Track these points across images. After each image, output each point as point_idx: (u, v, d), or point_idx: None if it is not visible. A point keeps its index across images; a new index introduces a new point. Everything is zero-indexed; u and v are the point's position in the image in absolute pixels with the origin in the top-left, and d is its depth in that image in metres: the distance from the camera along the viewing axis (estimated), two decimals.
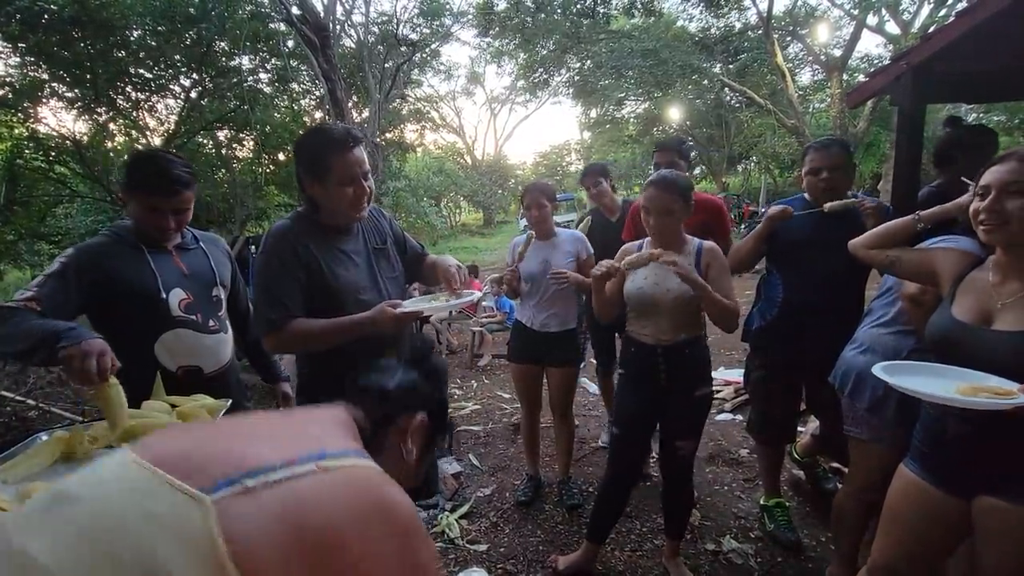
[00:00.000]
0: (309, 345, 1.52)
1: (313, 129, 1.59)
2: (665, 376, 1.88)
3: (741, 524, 2.39)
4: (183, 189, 1.55)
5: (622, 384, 2.02)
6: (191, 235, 1.74)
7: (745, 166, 23.35)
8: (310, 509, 0.52)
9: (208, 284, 1.70)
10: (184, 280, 1.63)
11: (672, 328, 1.85)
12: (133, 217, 1.59)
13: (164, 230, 1.59)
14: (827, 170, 1.99)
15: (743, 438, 3.20)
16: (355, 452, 0.65)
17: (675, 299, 1.82)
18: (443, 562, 2.25)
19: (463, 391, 4.71)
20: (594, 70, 14.57)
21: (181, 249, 1.68)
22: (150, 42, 7.63)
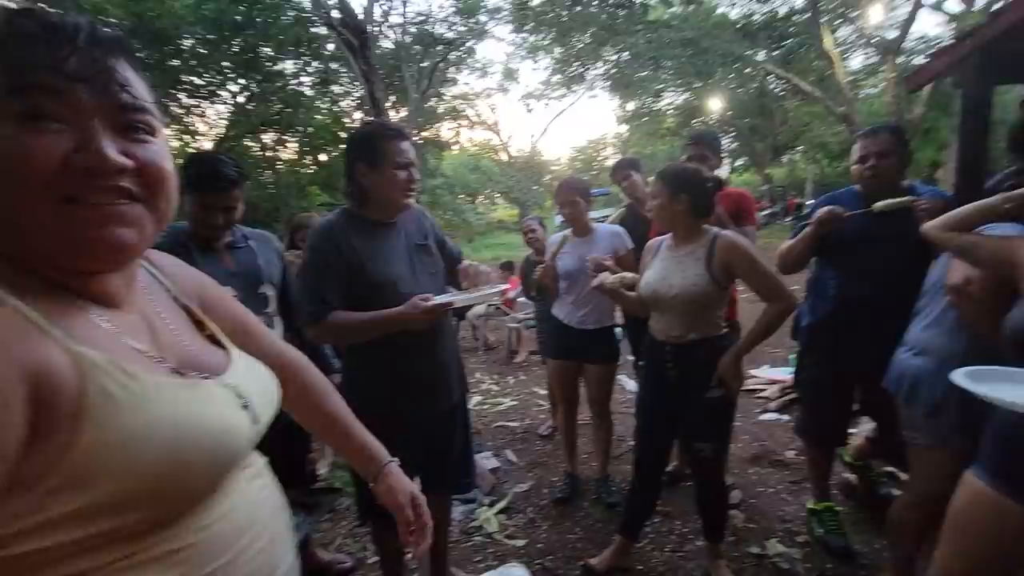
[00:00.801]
0: (346, 336, 1.59)
1: (367, 122, 1.70)
2: (676, 375, 1.84)
3: (787, 528, 2.31)
4: (231, 187, 1.64)
5: (641, 375, 2.02)
6: (241, 233, 1.81)
7: (790, 156, 22.44)
8: None
9: (255, 281, 1.76)
10: (232, 277, 1.68)
11: (680, 326, 1.80)
12: (188, 215, 1.68)
13: (214, 227, 1.67)
14: (875, 157, 1.89)
15: (789, 439, 3.09)
16: None
17: (676, 296, 1.77)
18: (482, 556, 2.28)
19: (500, 387, 4.74)
20: (631, 62, 14.33)
21: (231, 247, 1.76)
22: (201, 50, 8.00)
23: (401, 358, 1.59)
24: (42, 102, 0.45)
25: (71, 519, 0.43)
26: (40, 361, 0.43)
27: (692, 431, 1.88)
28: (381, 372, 1.62)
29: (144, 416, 0.48)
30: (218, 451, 0.55)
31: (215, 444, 0.54)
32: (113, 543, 0.47)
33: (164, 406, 0.50)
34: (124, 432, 0.46)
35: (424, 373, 1.65)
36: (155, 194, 0.52)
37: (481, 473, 2.83)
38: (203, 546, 0.53)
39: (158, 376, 0.52)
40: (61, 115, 0.46)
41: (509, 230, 24.98)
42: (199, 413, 0.54)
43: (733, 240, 1.77)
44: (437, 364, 1.68)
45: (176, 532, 0.51)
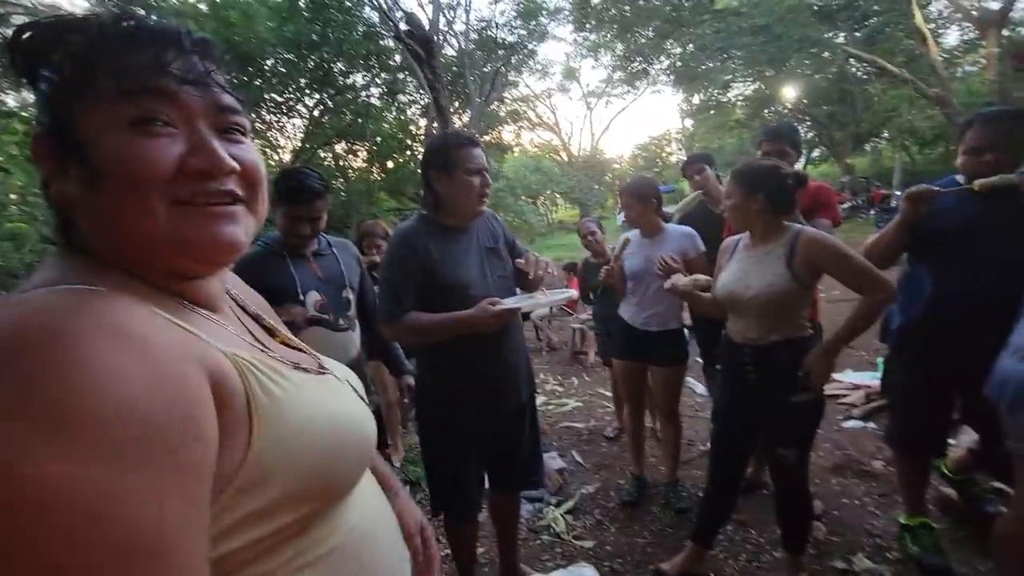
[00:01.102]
0: (419, 336, 1.67)
1: (441, 132, 1.79)
2: (755, 378, 1.77)
3: (876, 543, 2.17)
4: (317, 199, 1.76)
5: (718, 380, 1.96)
6: (325, 241, 1.95)
7: (874, 145, 20.74)
8: None
9: (339, 286, 1.89)
10: (319, 283, 1.84)
11: (759, 327, 1.73)
12: (279, 226, 1.83)
13: (301, 237, 1.80)
14: (992, 149, 1.69)
15: (877, 448, 2.89)
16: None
17: (754, 298, 1.70)
18: (550, 555, 2.31)
19: (564, 388, 4.75)
20: (697, 54, 13.81)
21: (317, 255, 1.89)
22: (281, 69, 8.59)
23: (470, 359, 1.65)
24: (154, 106, 0.45)
25: (256, 517, 0.44)
26: (212, 362, 0.43)
27: (774, 437, 1.81)
28: (452, 373, 1.69)
29: (303, 410, 0.50)
30: (362, 439, 0.58)
31: (360, 432, 0.58)
32: (287, 540, 0.48)
33: (314, 399, 0.53)
34: (291, 426, 0.48)
35: (493, 374, 1.70)
36: (255, 195, 0.53)
37: (548, 472, 2.87)
38: (349, 545, 0.55)
39: (294, 372, 0.54)
40: (172, 118, 0.46)
41: (570, 231, 24.82)
42: (342, 403, 0.58)
43: (816, 235, 1.68)
44: (505, 365, 1.72)
45: (328, 529, 0.53)
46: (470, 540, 1.95)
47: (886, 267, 2.00)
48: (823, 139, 19.57)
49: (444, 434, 1.75)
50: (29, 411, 0.32)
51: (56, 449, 0.32)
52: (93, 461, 0.32)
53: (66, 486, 0.31)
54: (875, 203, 14.02)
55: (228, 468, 0.42)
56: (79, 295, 0.40)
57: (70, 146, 0.45)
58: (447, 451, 1.75)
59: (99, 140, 0.44)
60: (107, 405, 0.34)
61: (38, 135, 0.47)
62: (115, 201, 0.45)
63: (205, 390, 0.41)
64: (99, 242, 0.47)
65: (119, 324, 0.38)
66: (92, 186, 0.45)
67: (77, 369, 0.34)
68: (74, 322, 0.36)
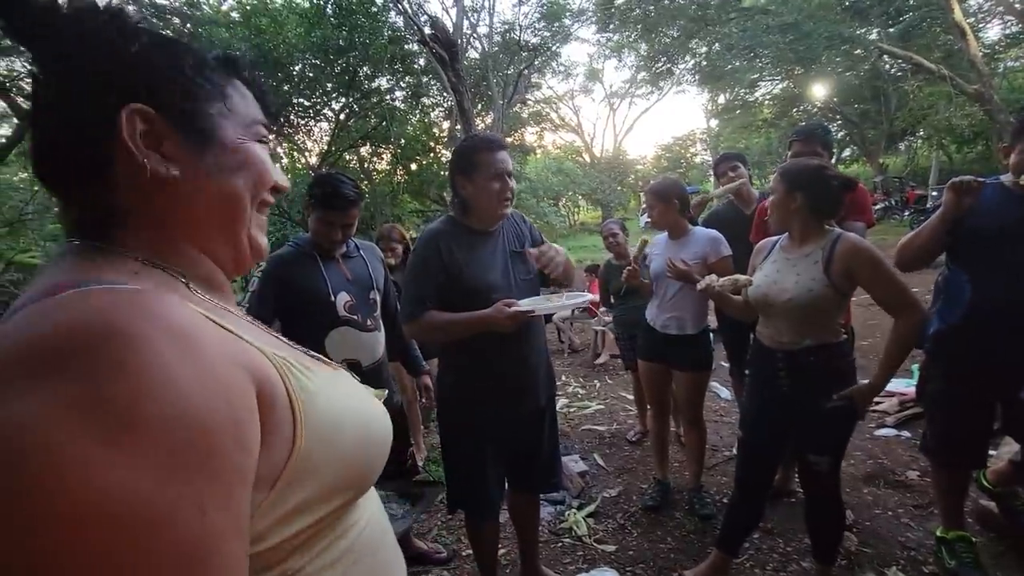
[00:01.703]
0: (437, 335, 1.70)
1: (468, 136, 1.82)
2: (788, 384, 1.72)
3: (910, 556, 2.10)
4: (351, 206, 1.82)
5: (748, 387, 1.91)
6: (353, 244, 2.01)
7: (909, 143, 20.05)
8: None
9: (367, 287, 1.95)
10: (348, 284, 1.90)
11: (792, 332, 1.69)
12: (312, 230, 1.88)
13: (333, 241, 1.86)
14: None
15: (911, 458, 2.79)
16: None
17: (789, 301, 1.66)
18: (571, 558, 2.30)
19: (586, 390, 4.73)
20: (723, 53, 13.59)
21: (345, 257, 1.95)
22: (308, 74, 8.78)
23: (490, 359, 1.67)
24: (264, 130, 0.57)
25: (300, 510, 0.46)
26: (256, 365, 0.44)
27: (806, 443, 1.76)
28: (472, 372, 1.72)
29: (336, 404, 0.52)
30: (385, 430, 0.61)
31: (383, 424, 0.60)
32: (321, 532, 0.50)
33: (342, 393, 0.55)
34: (328, 419, 0.50)
35: (512, 374, 1.70)
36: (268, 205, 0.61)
37: (569, 475, 2.85)
38: (362, 543, 0.57)
39: (318, 365, 0.56)
40: (266, 140, 0.58)
41: (591, 232, 24.70)
42: (362, 397, 0.60)
43: (856, 243, 1.63)
44: (525, 365, 1.73)
45: (347, 526, 0.54)
46: (491, 541, 1.95)
47: (919, 267, 1.93)
48: (854, 138, 19.00)
49: (464, 432, 1.77)
50: (90, 417, 0.32)
51: (115, 456, 0.32)
52: (150, 469, 0.33)
53: (122, 494, 0.31)
54: (910, 204, 13.55)
55: (275, 465, 0.43)
56: (128, 294, 0.40)
57: (196, 133, 0.50)
58: (466, 449, 1.77)
59: (230, 138, 0.53)
60: (165, 411, 0.34)
61: (142, 111, 0.47)
62: (233, 187, 0.53)
63: (251, 394, 0.41)
64: (153, 234, 0.49)
65: (174, 326, 0.38)
66: (226, 171, 0.52)
67: (137, 374, 0.34)
68: (132, 324, 0.36)
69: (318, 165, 9.63)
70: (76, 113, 0.46)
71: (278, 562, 0.46)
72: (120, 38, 0.47)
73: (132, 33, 0.48)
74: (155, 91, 0.48)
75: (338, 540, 0.53)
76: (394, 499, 1.66)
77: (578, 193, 27.18)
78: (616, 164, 29.34)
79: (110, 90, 0.46)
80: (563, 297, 1.66)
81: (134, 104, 0.46)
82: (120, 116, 0.46)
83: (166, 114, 0.48)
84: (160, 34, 0.51)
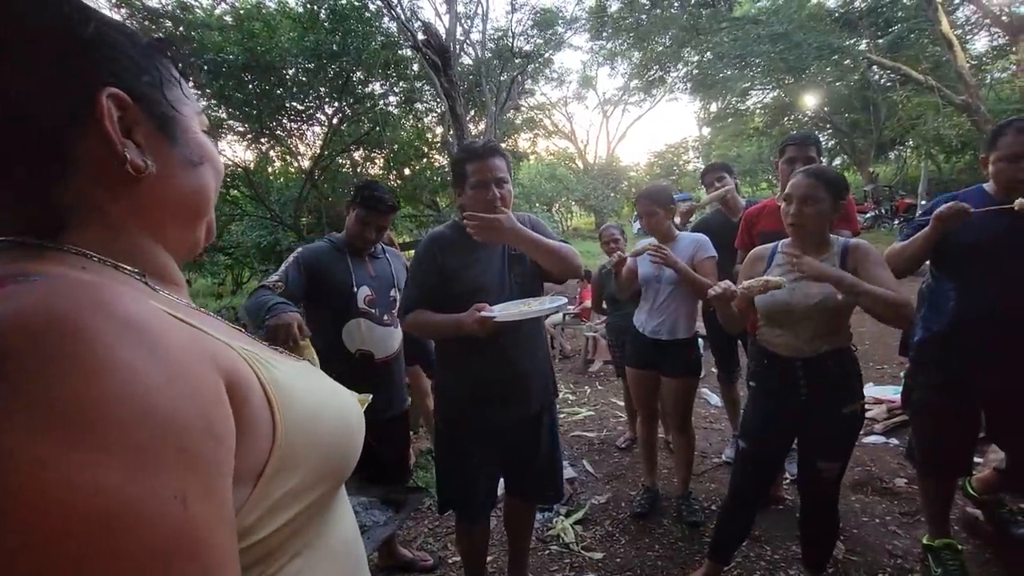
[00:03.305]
0: (422, 332, 1.79)
1: (461, 146, 1.89)
2: (807, 392, 1.71)
3: (897, 564, 2.10)
4: (389, 211, 2.06)
5: (753, 396, 1.87)
6: (380, 247, 2.18)
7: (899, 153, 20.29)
8: None
9: (388, 285, 2.10)
10: (371, 280, 2.05)
11: (812, 338, 1.68)
12: (348, 226, 2.05)
13: (366, 240, 2.04)
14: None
15: (899, 465, 2.80)
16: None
17: (816, 305, 1.64)
18: (558, 566, 2.27)
19: (576, 396, 4.71)
20: (715, 62, 13.69)
21: (372, 257, 2.12)
22: (301, 78, 8.74)
23: (474, 362, 1.68)
24: (206, 120, 0.57)
25: (287, 499, 0.46)
26: (224, 359, 0.43)
27: (819, 451, 1.75)
28: (460, 374, 1.73)
29: (310, 393, 0.52)
30: (359, 420, 0.60)
31: (356, 411, 0.60)
32: (310, 521, 0.50)
33: (312, 383, 0.55)
34: (306, 409, 0.49)
35: (497, 379, 1.69)
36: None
37: None
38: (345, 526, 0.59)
39: (285, 357, 0.56)
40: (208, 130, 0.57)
41: (585, 238, 24.77)
42: (331, 387, 0.60)
43: (865, 244, 1.69)
44: (512, 370, 1.71)
45: (325, 522, 0.55)
46: (480, 546, 1.93)
47: (904, 276, 1.95)
48: (845, 147, 19.21)
49: (454, 431, 1.78)
50: (49, 419, 0.30)
51: (79, 458, 0.30)
52: (117, 467, 0.31)
53: (90, 495, 0.30)
54: (900, 212, 13.71)
55: (258, 457, 0.43)
56: (77, 285, 0.37)
57: (166, 122, 0.49)
58: (456, 448, 1.77)
59: (193, 129, 0.52)
60: (128, 407, 0.33)
61: (117, 96, 0.44)
62: (202, 179, 0.52)
63: (219, 388, 0.40)
64: (106, 230, 0.45)
65: (130, 317, 0.36)
66: (194, 162, 0.51)
67: (97, 370, 0.32)
68: (83, 316, 0.34)
69: (311, 169, 9.57)
70: (33, 99, 0.41)
71: (269, 554, 0.46)
72: (75, 18, 0.43)
73: (83, 12, 0.44)
74: (120, 76, 0.45)
75: (324, 534, 0.53)
76: (377, 505, 1.63)
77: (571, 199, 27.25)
78: (609, 171, 29.44)
79: (75, 74, 0.42)
80: (539, 302, 1.64)
81: (112, 88, 0.43)
82: (99, 101, 0.42)
83: (137, 101, 0.45)
84: (107, 16, 0.47)
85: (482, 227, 1.53)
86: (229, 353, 0.44)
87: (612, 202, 25.40)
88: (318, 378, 0.59)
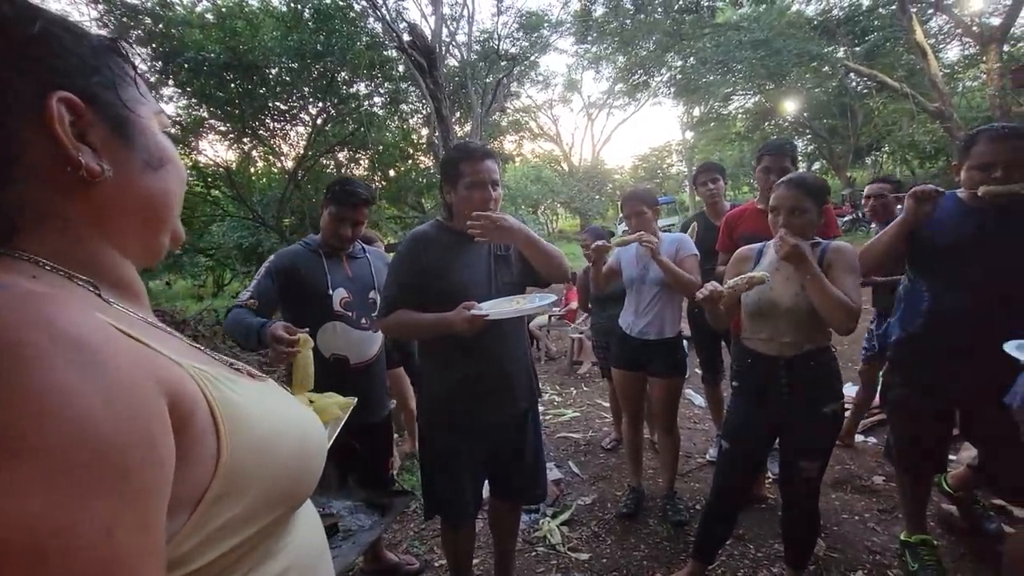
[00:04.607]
0: (404, 333, 1.79)
1: (455, 144, 1.87)
2: (789, 391, 1.74)
3: (876, 560, 2.14)
4: (362, 204, 1.94)
5: (736, 396, 1.90)
6: (360, 247, 2.10)
7: (875, 158, 20.83)
8: None
9: (366, 287, 2.03)
10: (348, 282, 1.98)
11: (796, 337, 1.71)
12: (323, 226, 1.98)
13: (342, 237, 1.96)
14: (1004, 167, 1.65)
15: (877, 463, 2.86)
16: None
17: (796, 306, 1.68)
18: (545, 567, 2.28)
19: (562, 398, 4.73)
20: (698, 67, 13.92)
21: (351, 257, 2.04)
22: (285, 78, 8.65)
23: (461, 361, 1.66)
24: (166, 119, 0.55)
25: (230, 527, 0.44)
26: (170, 378, 0.41)
27: (801, 449, 1.78)
28: (444, 374, 1.71)
29: (268, 414, 0.50)
30: (321, 440, 0.58)
31: (318, 434, 0.58)
32: (256, 548, 0.48)
33: (274, 405, 0.53)
34: (260, 431, 0.48)
35: (484, 378, 1.68)
36: None
37: None
38: (303, 551, 0.56)
39: (241, 376, 0.53)
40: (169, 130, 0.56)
41: (570, 240, 24.88)
42: (294, 409, 0.57)
43: (845, 248, 1.73)
44: (501, 370, 1.71)
45: (283, 544, 0.53)
46: (466, 549, 1.92)
47: (878, 272, 2.00)
48: (823, 152, 19.65)
49: (440, 432, 1.75)
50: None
51: (7, 478, 0.29)
52: (42, 495, 0.30)
53: (13, 523, 0.29)
54: None
55: (198, 483, 0.41)
56: (19, 296, 0.36)
57: (123, 124, 0.47)
58: (442, 450, 1.75)
59: (152, 130, 0.50)
60: (61, 431, 0.31)
61: (69, 100, 0.42)
62: (164, 183, 0.50)
63: (162, 410, 0.38)
64: (60, 237, 0.44)
65: (71, 334, 0.35)
66: (154, 166, 0.49)
67: (30, 390, 0.31)
68: (19, 331, 0.33)
69: (294, 169, 9.47)
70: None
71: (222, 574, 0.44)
72: (18, 18, 0.41)
73: (27, 12, 0.42)
74: (71, 77, 0.43)
75: (269, 561, 0.50)
76: (362, 509, 1.62)
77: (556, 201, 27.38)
78: (594, 173, 29.63)
79: (21, 77, 0.41)
80: (527, 300, 1.64)
81: (62, 92, 0.41)
82: (49, 105, 0.41)
83: (90, 103, 0.44)
84: (54, 14, 0.45)
85: (488, 227, 1.52)
86: (176, 371, 0.42)
87: (597, 204, 25.56)
88: (281, 400, 0.57)
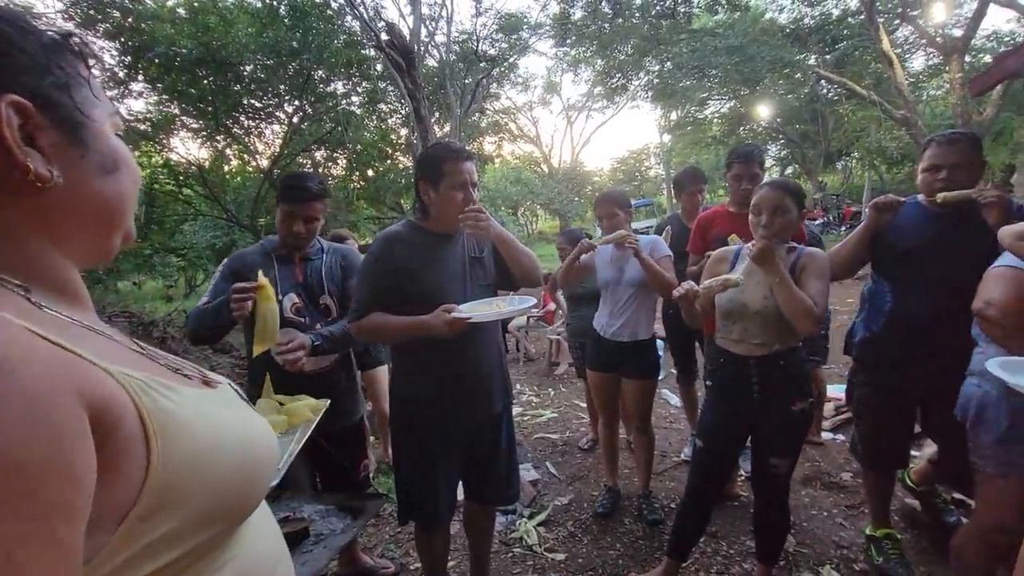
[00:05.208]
0: (380, 337, 1.75)
1: (435, 143, 1.83)
2: (759, 390, 1.78)
3: (843, 554, 2.20)
4: (314, 199, 1.84)
5: (709, 395, 1.94)
6: (320, 246, 1.99)
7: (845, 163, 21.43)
8: None
9: (317, 292, 1.92)
10: (297, 287, 1.89)
11: (764, 338, 1.75)
12: (277, 224, 1.88)
13: (297, 236, 1.85)
14: (948, 168, 1.78)
15: (845, 460, 2.94)
16: None
17: (765, 308, 1.72)
18: (521, 568, 2.28)
19: (540, 399, 4.74)
20: (674, 72, 14.10)
21: (305, 260, 1.94)
22: (260, 75, 8.48)
23: (434, 363, 1.65)
24: (120, 120, 0.53)
25: (164, 542, 0.42)
26: (94, 388, 0.39)
27: (771, 447, 1.82)
28: (417, 375, 1.69)
29: (209, 425, 0.48)
30: (271, 451, 0.56)
31: (267, 445, 0.56)
32: (193, 564, 0.46)
33: (217, 414, 0.50)
34: (198, 442, 0.46)
35: (458, 380, 1.68)
36: None
37: (521, 485, 2.83)
38: (251, 564, 0.53)
39: (185, 386, 0.51)
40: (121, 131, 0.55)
41: (550, 241, 24.98)
42: (246, 417, 0.55)
43: (818, 254, 1.77)
44: (473, 371, 1.70)
45: (228, 557, 0.50)
46: (441, 551, 1.91)
47: (844, 276, 2.07)
48: (796, 156, 20.14)
49: (414, 436, 1.74)
50: None
51: None
52: None
53: None
54: (847, 220, 14.48)
55: (126, 494, 0.40)
56: None
57: (74, 128, 0.45)
58: (414, 452, 1.73)
59: (106, 133, 0.49)
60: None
61: (17, 103, 0.41)
62: (118, 185, 0.49)
63: (80, 423, 0.37)
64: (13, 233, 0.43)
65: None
66: (107, 169, 0.48)
67: None
68: None
69: (269, 169, 9.29)
70: None
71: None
72: None
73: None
74: (19, 78, 0.42)
75: (218, 570, 0.49)
76: (334, 513, 1.60)
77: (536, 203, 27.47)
78: (574, 175, 29.80)
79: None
80: (507, 303, 1.64)
81: (10, 95, 0.40)
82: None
83: (40, 106, 0.42)
84: (3, 8, 0.44)
85: (482, 221, 1.54)
86: (102, 379, 0.40)
87: (576, 206, 25.73)
88: (229, 408, 0.55)
